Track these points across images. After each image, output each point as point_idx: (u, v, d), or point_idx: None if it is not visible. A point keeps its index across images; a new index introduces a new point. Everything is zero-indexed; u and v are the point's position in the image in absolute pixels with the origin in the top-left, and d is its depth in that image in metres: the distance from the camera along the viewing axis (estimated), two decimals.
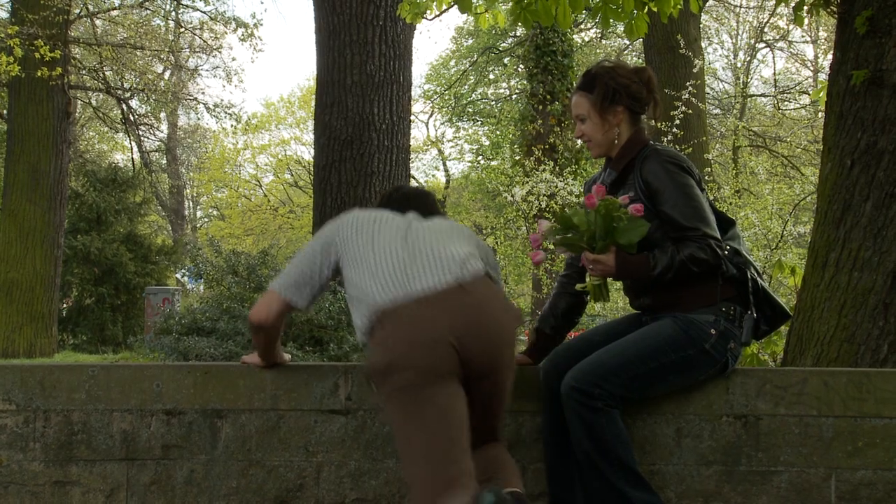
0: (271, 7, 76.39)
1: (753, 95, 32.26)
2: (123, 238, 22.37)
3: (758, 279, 3.92)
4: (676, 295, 3.84)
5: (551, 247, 4.02)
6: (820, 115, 20.01)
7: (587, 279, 3.92)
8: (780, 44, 31.70)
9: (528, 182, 11.70)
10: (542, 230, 3.91)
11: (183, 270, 22.19)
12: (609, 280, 3.98)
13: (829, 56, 8.29)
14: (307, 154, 37.95)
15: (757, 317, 3.92)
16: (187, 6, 24.83)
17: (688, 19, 16.36)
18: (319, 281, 3.68)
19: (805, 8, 5.50)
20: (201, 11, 24.17)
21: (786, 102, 30.81)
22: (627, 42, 28.46)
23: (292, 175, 40.23)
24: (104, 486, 4.05)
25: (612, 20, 5.70)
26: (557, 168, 17.58)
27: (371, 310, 3.35)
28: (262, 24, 24.96)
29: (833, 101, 5.00)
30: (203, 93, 41.73)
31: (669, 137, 13.06)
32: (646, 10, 5.87)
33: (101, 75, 21.92)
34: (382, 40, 10.38)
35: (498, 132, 31.19)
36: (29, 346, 17.23)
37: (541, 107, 21.56)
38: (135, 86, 22.61)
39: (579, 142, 21.17)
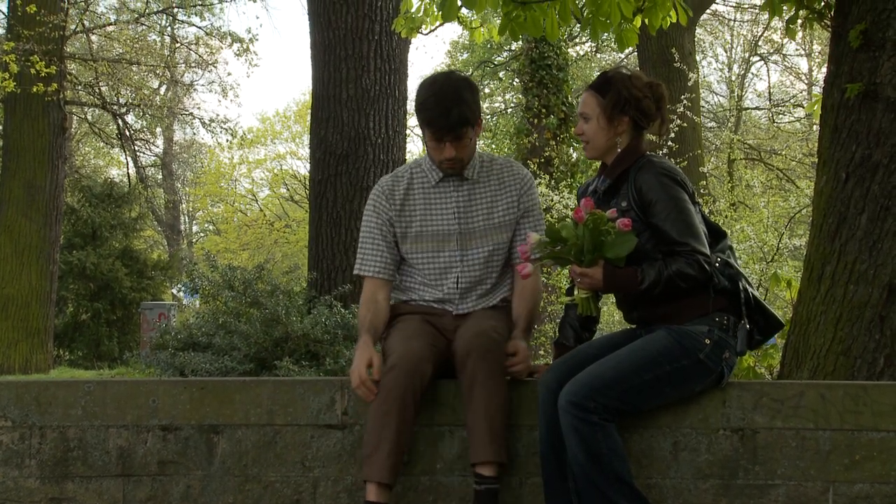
0: (266, 22, 76.50)
1: (748, 108, 32.31)
2: (119, 253, 22.32)
3: (749, 289, 3.94)
4: (669, 307, 3.86)
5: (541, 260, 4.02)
6: (814, 128, 20.03)
7: (575, 292, 3.93)
8: (775, 57, 31.77)
9: None
10: (530, 243, 3.92)
11: (179, 286, 22.17)
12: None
13: (824, 69, 8.31)
14: (303, 169, 37.93)
15: (750, 327, 3.94)
16: (183, 21, 24.85)
17: (682, 33, 16.41)
18: None
19: (798, 21, 5.51)
20: (197, 27, 24.23)
21: (780, 115, 30.83)
22: (622, 56, 28.53)
23: (288, 190, 40.18)
24: (100, 503, 4.04)
25: (602, 32, 5.71)
26: (553, 181, 17.58)
27: None
28: (257, 40, 25.00)
29: (827, 115, 5.00)
30: (199, 108, 41.77)
31: (664, 150, 13.08)
32: (638, 22, 5.88)
33: (97, 91, 21.91)
34: (378, 55, 10.40)
35: (493, 146, 31.22)
36: (24, 363, 17.17)
37: (536, 120, 21.56)
38: (130, 101, 22.62)
39: (575, 155, 21.22)
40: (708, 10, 23.07)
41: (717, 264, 3.87)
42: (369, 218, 4.32)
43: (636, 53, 19.81)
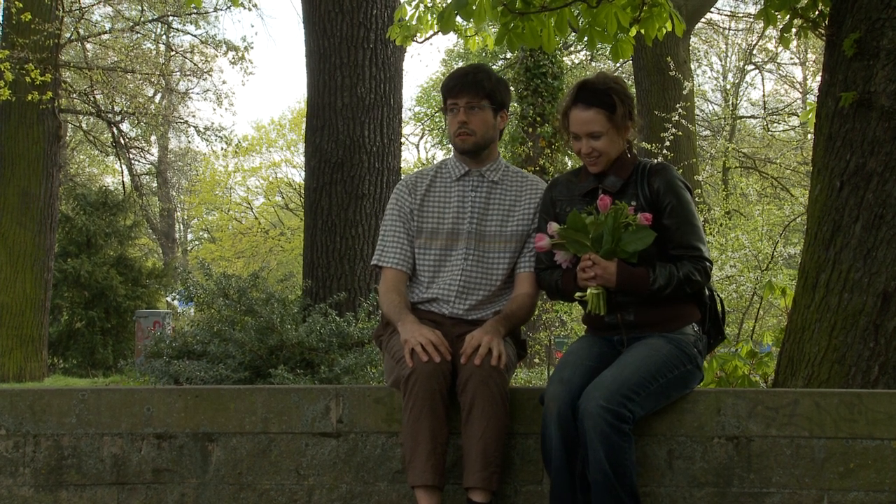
0: (262, 30, 76.67)
1: (743, 117, 32.35)
2: (114, 261, 22.28)
3: (717, 302, 4.10)
4: (662, 313, 3.90)
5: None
6: (809, 136, 20.07)
7: (588, 290, 3.91)
8: (769, 66, 31.86)
9: None
10: (551, 230, 3.93)
11: (174, 294, 22.12)
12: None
13: (818, 78, 8.33)
14: (298, 177, 37.93)
15: (709, 333, 4.08)
16: (178, 30, 24.91)
17: (677, 42, 16.44)
18: None
19: (793, 30, 5.52)
20: (192, 35, 24.24)
21: (775, 124, 30.91)
22: (617, 65, 28.58)
23: (283, 197, 40.19)
24: None
25: (598, 42, 5.72)
26: None
27: None
28: (252, 48, 25.01)
29: (822, 123, 5.01)
30: (194, 116, 41.76)
31: (659, 159, 13.08)
32: (634, 32, 5.89)
33: (92, 99, 21.90)
34: (373, 63, 10.41)
35: None
36: (19, 371, 17.13)
37: (531, 129, 21.60)
38: (125, 109, 22.58)
39: (570, 163, 21.22)
40: (703, 19, 23.13)
41: None
42: (391, 210, 4.36)
43: (631, 62, 19.85)
